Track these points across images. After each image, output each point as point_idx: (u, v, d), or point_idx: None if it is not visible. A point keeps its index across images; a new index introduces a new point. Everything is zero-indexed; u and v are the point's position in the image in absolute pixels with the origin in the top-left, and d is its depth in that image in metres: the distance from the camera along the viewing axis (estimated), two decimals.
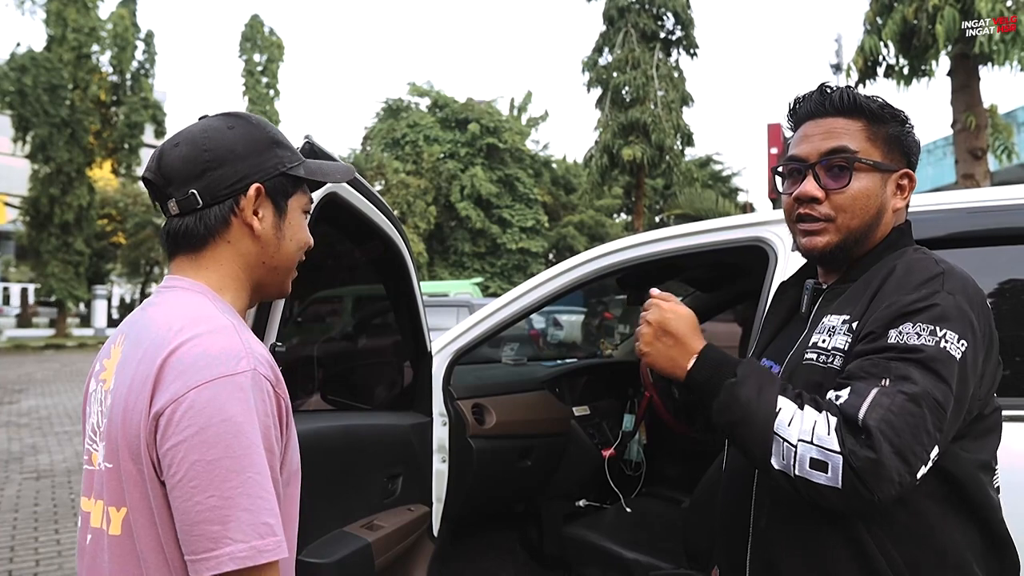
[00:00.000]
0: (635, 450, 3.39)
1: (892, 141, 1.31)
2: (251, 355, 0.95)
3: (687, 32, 18.23)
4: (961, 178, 8.73)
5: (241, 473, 0.88)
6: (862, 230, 1.30)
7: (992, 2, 7.46)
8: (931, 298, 1.15)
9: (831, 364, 1.22)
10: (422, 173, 32.38)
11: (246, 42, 33.88)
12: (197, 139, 1.06)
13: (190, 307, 1.01)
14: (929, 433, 1.07)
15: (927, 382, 1.08)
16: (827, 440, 1.08)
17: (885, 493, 1.05)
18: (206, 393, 0.89)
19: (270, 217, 1.09)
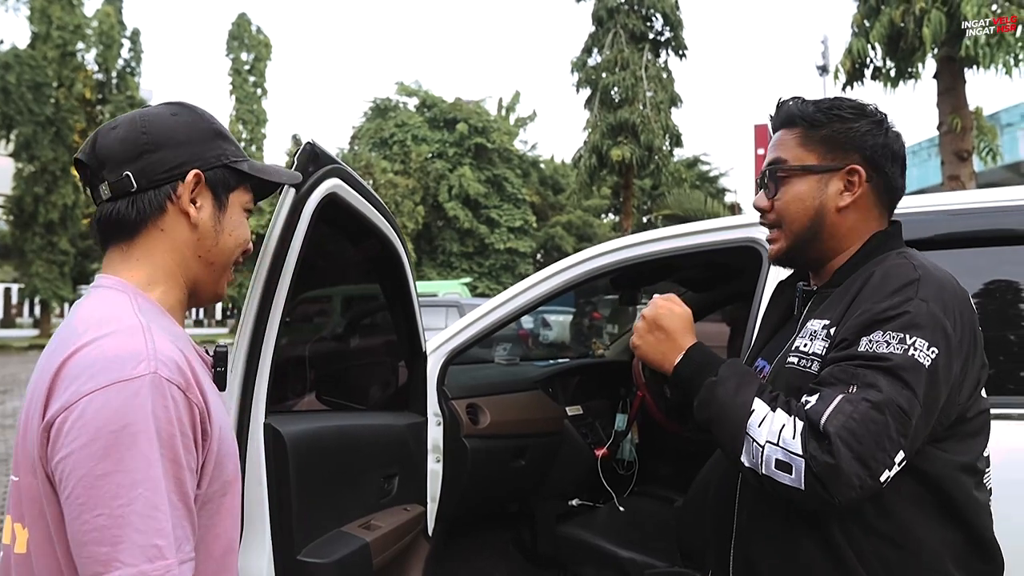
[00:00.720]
0: (627, 449, 3.40)
1: (830, 141, 1.33)
2: (153, 357, 0.87)
3: (676, 33, 18.29)
4: (947, 179, 8.83)
5: (133, 489, 0.81)
6: (806, 233, 1.35)
7: (978, 6, 7.55)
8: (903, 306, 1.16)
9: (809, 369, 1.25)
10: (410, 173, 32.34)
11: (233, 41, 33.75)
12: (136, 122, 1.02)
13: (104, 308, 0.95)
14: (892, 439, 1.10)
15: (892, 390, 1.11)
16: (792, 444, 1.12)
17: (844, 496, 1.09)
18: (97, 400, 0.82)
19: (208, 207, 1.04)
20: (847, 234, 1.34)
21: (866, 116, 1.33)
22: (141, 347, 0.87)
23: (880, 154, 1.32)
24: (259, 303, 1.63)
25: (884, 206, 1.36)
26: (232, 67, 33.77)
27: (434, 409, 2.52)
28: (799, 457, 1.11)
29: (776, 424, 1.15)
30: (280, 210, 1.63)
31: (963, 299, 1.24)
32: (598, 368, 3.85)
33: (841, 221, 1.33)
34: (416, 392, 2.48)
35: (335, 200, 1.77)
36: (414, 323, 2.41)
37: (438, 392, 2.55)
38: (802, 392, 1.22)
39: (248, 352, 1.62)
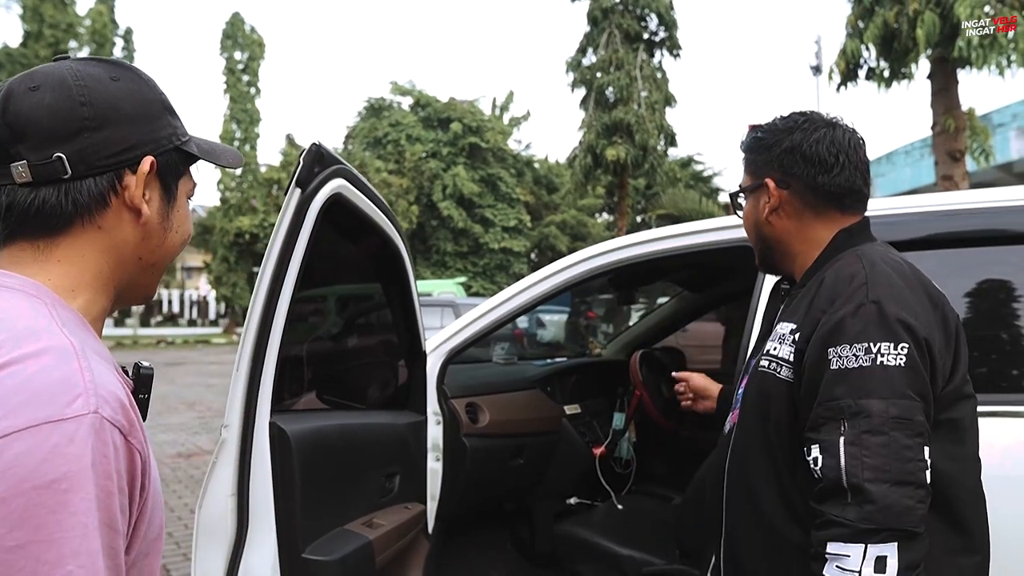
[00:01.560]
0: (625, 448, 3.42)
1: (753, 165, 1.46)
2: (92, 391, 0.66)
3: (670, 33, 18.33)
4: (941, 179, 8.89)
5: (58, 566, 0.60)
6: (758, 245, 1.50)
7: (971, 7, 7.60)
8: (857, 313, 1.19)
9: (779, 374, 1.30)
10: (404, 172, 32.32)
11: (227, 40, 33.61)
12: (70, 86, 0.78)
13: (16, 317, 0.71)
14: (908, 447, 1.12)
15: (879, 406, 1.14)
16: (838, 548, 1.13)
17: (914, 519, 1.11)
18: (17, 445, 0.61)
19: (157, 201, 0.84)
20: (792, 239, 1.42)
21: (778, 131, 1.42)
22: (76, 377, 0.66)
23: (788, 160, 1.39)
24: (264, 302, 1.64)
25: (821, 206, 1.39)
26: (226, 66, 33.63)
27: (434, 408, 2.53)
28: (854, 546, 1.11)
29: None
30: (285, 211, 1.64)
31: (920, 284, 1.27)
32: (595, 367, 3.87)
33: (776, 229, 1.43)
34: (416, 391, 2.49)
35: (340, 201, 1.78)
36: (415, 323, 2.42)
37: (438, 391, 2.56)
38: (770, 398, 1.30)
39: (253, 351, 1.63)
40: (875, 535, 1.10)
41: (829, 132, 1.38)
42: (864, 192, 1.42)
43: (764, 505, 1.32)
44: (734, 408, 1.51)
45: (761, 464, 1.33)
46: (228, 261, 30.14)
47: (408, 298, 2.37)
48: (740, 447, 1.40)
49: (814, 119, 1.41)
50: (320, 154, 1.65)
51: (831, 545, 1.13)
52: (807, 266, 1.41)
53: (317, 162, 1.65)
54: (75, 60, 0.83)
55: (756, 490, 1.34)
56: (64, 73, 0.79)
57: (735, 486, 1.41)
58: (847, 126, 1.41)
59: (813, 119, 1.41)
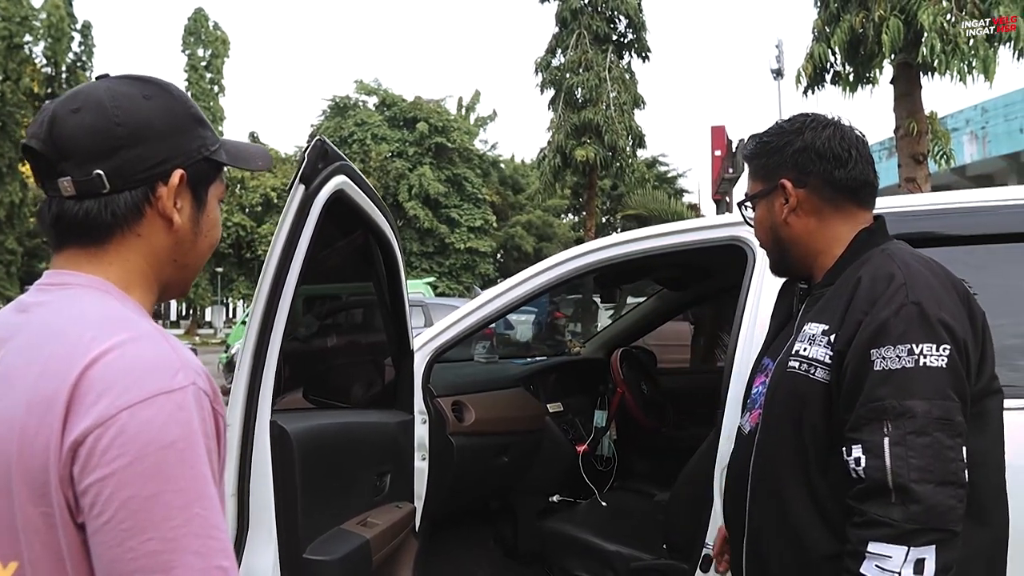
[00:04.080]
0: (607, 445, 3.45)
1: (763, 169, 1.48)
2: (187, 367, 0.79)
3: (639, 35, 18.49)
4: (904, 181, 9.11)
5: (187, 509, 0.74)
6: (774, 249, 1.50)
7: (934, 15, 7.82)
8: (900, 315, 1.22)
9: (813, 375, 1.31)
10: (370, 172, 32.13)
11: (189, 36, 33.11)
12: (106, 107, 0.86)
13: (99, 309, 0.83)
14: (950, 447, 1.16)
15: (923, 407, 1.16)
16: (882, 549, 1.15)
17: (955, 518, 1.14)
18: (141, 415, 0.73)
19: (188, 209, 0.92)
20: (811, 238, 1.43)
21: (786, 133, 1.45)
22: (172, 355, 0.79)
23: (802, 159, 1.41)
24: (267, 300, 1.62)
25: (840, 201, 1.41)
26: (188, 63, 33.12)
27: (420, 407, 2.52)
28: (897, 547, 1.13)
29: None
30: (289, 207, 1.62)
31: (953, 285, 1.29)
32: (576, 366, 3.90)
33: (795, 230, 1.44)
34: (404, 390, 2.48)
35: (341, 197, 1.77)
36: (404, 321, 2.41)
37: (424, 390, 2.55)
38: (805, 400, 1.31)
39: (255, 349, 1.61)
40: (920, 536, 1.12)
41: (838, 129, 1.41)
42: (875, 184, 1.45)
43: (791, 506, 1.33)
44: (751, 408, 1.51)
45: (791, 465, 1.34)
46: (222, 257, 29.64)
47: (399, 296, 2.37)
48: (767, 447, 1.41)
49: (820, 118, 1.44)
50: (324, 150, 1.64)
51: (873, 544, 1.15)
52: (828, 265, 1.42)
53: (321, 158, 1.64)
54: (113, 79, 0.91)
55: (784, 490, 1.35)
56: (102, 95, 0.87)
57: (760, 486, 1.42)
58: (849, 123, 1.45)
59: (819, 118, 1.44)
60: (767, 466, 1.40)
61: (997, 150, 20.06)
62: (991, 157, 20.38)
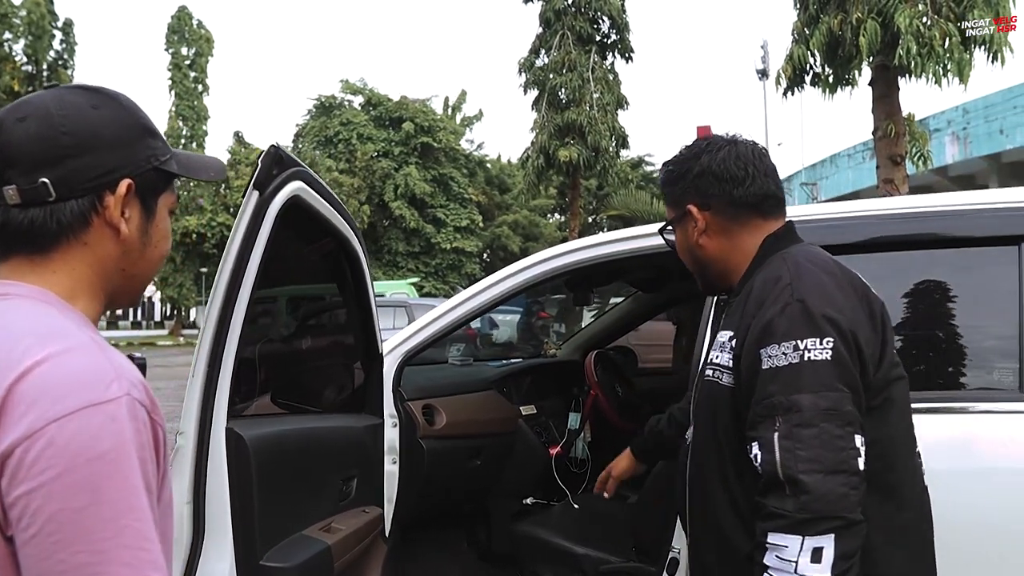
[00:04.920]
0: (581, 447, 3.45)
1: (672, 197, 1.55)
2: (122, 378, 0.78)
3: (622, 36, 18.55)
4: (882, 183, 9.21)
5: (117, 521, 0.73)
6: (695, 269, 1.56)
7: (910, 17, 7.90)
8: (783, 313, 1.26)
9: (721, 381, 1.38)
10: (355, 172, 32.05)
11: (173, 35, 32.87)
12: (53, 116, 0.86)
13: (36, 320, 0.82)
14: (839, 436, 1.19)
15: (809, 400, 1.20)
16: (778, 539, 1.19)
17: (851, 505, 1.17)
18: (71, 426, 0.72)
19: (137, 219, 0.92)
20: (725, 255, 1.49)
21: (686, 159, 1.51)
22: (106, 365, 0.78)
23: (702, 183, 1.47)
24: (221, 307, 1.61)
25: (744, 217, 1.46)
26: (172, 62, 32.86)
27: (390, 411, 2.51)
28: (792, 537, 1.17)
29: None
30: (243, 213, 1.62)
31: (845, 278, 1.34)
32: (551, 368, 3.90)
33: (708, 250, 1.50)
34: (373, 394, 2.47)
35: (298, 203, 1.76)
36: (372, 325, 2.41)
37: (394, 393, 2.54)
38: (718, 405, 1.38)
39: (210, 356, 1.60)
40: (812, 525, 1.15)
41: (732, 149, 1.47)
42: (778, 195, 1.49)
43: (716, 509, 1.38)
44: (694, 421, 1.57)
45: (713, 469, 1.40)
46: (174, 261, 29.42)
47: (365, 300, 2.36)
48: (697, 454, 1.47)
49: (715, 140, 1.50)
50: (279, 156, 1.63)
51: (771, 536, 1.19)
52: (740, 276, 1.48)
53: (276, 164, 1.63)
54: (62, 88, 0.91)
55: (709, 495, 1.41)
56: (49, 104, 0.88)
57: (695, 493, 1.47)
58: (747, 140, 1.51)
59: (714, 141, 1.50)
60: (698, 473, 1.46)
61: (978, 151, 20.30)
62: (972, 158, 20.63)
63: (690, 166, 1.49)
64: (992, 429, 1.92)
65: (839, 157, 26.55)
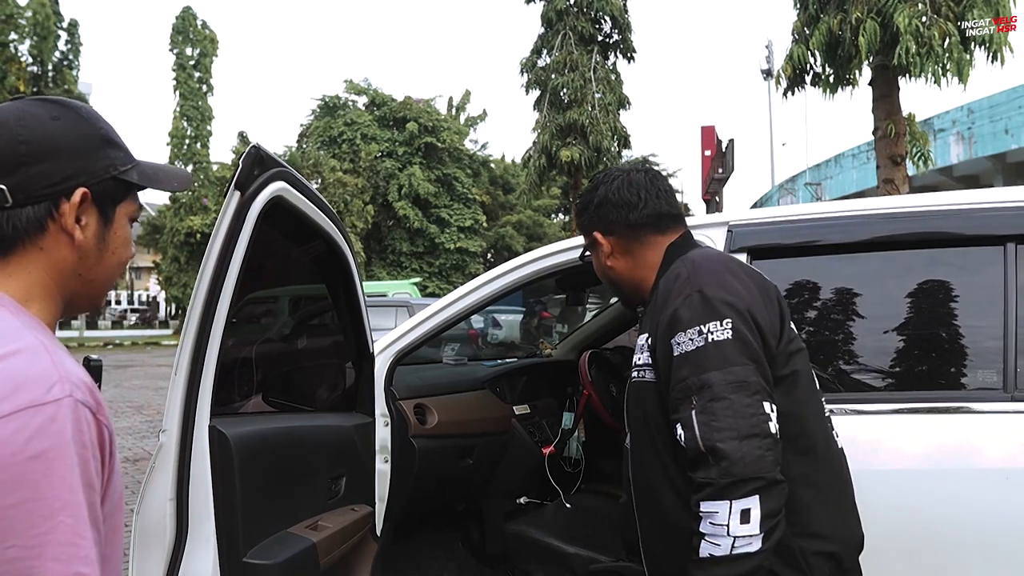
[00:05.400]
0: (574, 447, 3.46)
1: (582, 228, 1.72)
2: (66, 379, 0.81)
3: (624, 36, 18.52)
4: (882, 183, 9.18)
5: (51, 518, 0.76)
6: (614, 288, 1.72)
7: (909, 17, 7.88)
8: (685, 303, 1.40)
9: (645, 378, 1.50)
10: (359, 172, 32.06)
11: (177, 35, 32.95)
12: (11, 126, 0.90)
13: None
14: (748, 404, 1.30)
15: (718, 377, 1.32)
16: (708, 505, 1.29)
17: (768, 466, 1.28)
18: (10, 426, 0.76)
19: (94, 226, 0.95)
20: (632, 273, 1.64)
21: (588, 192, 1.69)
22: (50, 368, 0.81)
23: (602, 211, 1.64)
24: (203, 306, 1.62)
25: (643, 236, 1.61)
26: (176, 62, 32.96)
27: (382, 410, 2.52)
28: (720, 499, 1.27)
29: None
30: (225, 213, 1.63)
31: (739, 268, 1.49)
32: (545, 367, 3.90)
33: (617, 271, 1.66)
34: (364, 393, 2.49)
35: (281, 203, 1.77)
36: (361, 324, 2.42)
37: (386, 393, 2.55)
38: (643, 402, 1.50)
39: (192, 355, 1.62)
40: (737, 488, 1.26)
41: (626, 178, 1.64)
42: (673, 212, 1.64)
43: (659, 497, 1.48)
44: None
45: (651, 462, 1.50)
46: (179, 261, 29.51)
47: (354, 300, 2.37)
48: (635, 453, 1.57)
49: (611, 172, 1.69)
50: (260, 157, 1.65)
51: (703, 505, 1.29)
52: (650, 288, 1.60)
53: (257, 165, 1.65)
54: (26, 101, 0.95)
55: (652, 486, 1.51)
56: (9, 115, 0.92)
57: (639, 488, 1.57)
58: (641, 167, 1.68)
59: (610, 172, 1.69)
60: (640, 470, 1.56)
61: (983, 151, 20.21)
62: (977, 158, 20.54)
63: (591, 198, 1.66)
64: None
65: (843, 157, 26.46)
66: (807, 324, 2.28)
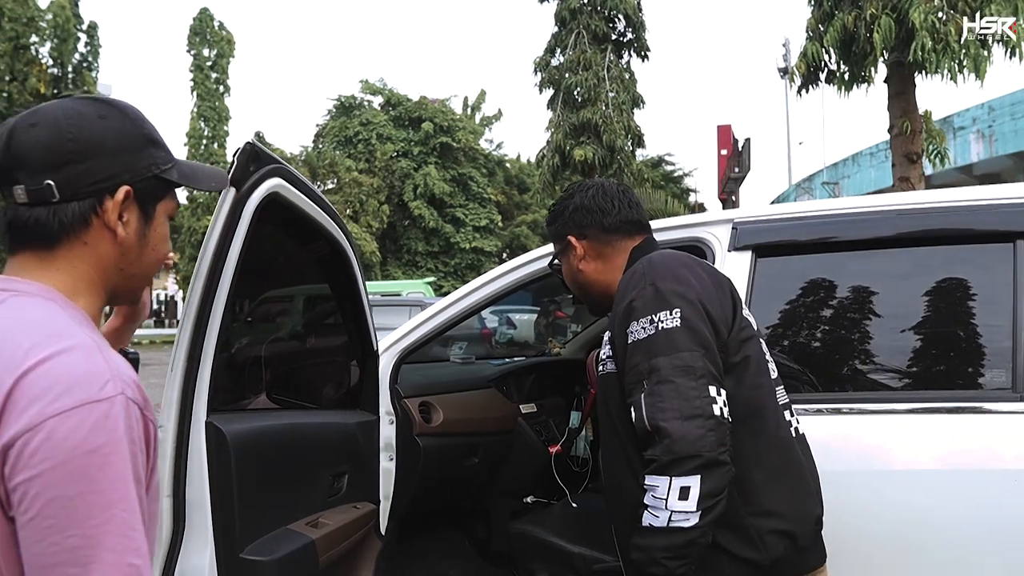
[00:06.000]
0: (582, 446, 3.44)
1: (555, 233, 1.81)
2: (117, 377, 0.85)
3: (638, 35, 18.42)
4: (898, 181, 9.07)
5: (107, 510, 0.80)
6: (580, 294, 1.81)
7: (925, 13, 7.77)
8: (640, 295, 1.48)
9: (607, 369, 1.59)
10: (375, 172, 32.17)
11: (195, 36, 33.17)
12: (61, 124, 0.94)
13: (41, 319, 0.89)
14: (692, 387, 1.37)
15: (666, 362, 1.39)
16: (652, 479, 1.37)
17: (710, 445, 1.33)
18: (68, 422, 0.80)
19: (135, 223, 0.99)
20: (602, 275, 1.73)
21: (564, 200, 1.79)
22: (103, 366, 0.85)
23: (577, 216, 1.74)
24: (199, 303, 1.63)
25: (615, 240, 1.72)
26: (193, 63, 33.18)
27: (386, 407, 2.53)
28: (661, 479, 1.35)
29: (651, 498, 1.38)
30: (220, 210, 1.63)
31: (694, 263, 1.56)
32: (553, 366, 3.89)
33: (588, 274, 1.75)
34: (368, 390, 2.49)
35: (278, 200, 1.77)
36: (364, 322, 2.42)
37: (391, 390, 2.55)
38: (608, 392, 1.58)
39: (188, 352, 1.62)
40: (677, 465, 1.32)
41: (599, 187, 1.76)
42: (639, 219, 1.75)
43: (623, 481, 1.54)
44: None
45: (614, 449, 1.58)
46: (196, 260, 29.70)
47: (356, 297, 2.37)
48: (603, 442, 1.66)
49: (585, 183, 1.80)
50: (255, 153, 1.64)
51: (647, 479, 1.37)
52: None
53: (252, 161, 1.65)
54: (74, 99, 0.99)
55: (616, 473, 1.58)
56: (59, 113, 0.96)
57: (608, 476, 1.64)
58: (611, 181, 1.82)
59: (584, 183, 1.80)
60: (607, 459, 1.64)
61: (1004, 148, 19.94)
62: (998, 156, 20.27)
63: (566, 204, 1.77)
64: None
65: (861, 156, 26.23)
66: (812, 321, 2.25)
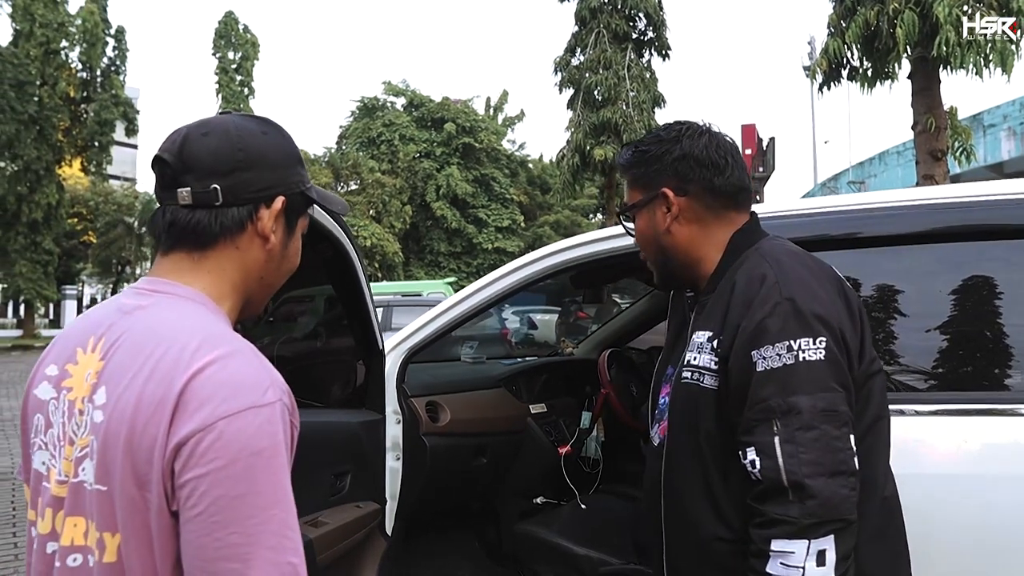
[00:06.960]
0: (593, 447, 3.41)
1: (642, 178, 1.46)
2: (277, 384, 0.90)
3: (659, 33, 18.35)
4: (922, 179, 8.92)
5: (267, 510, 0.84)
6: (658, 259, 1.47)
7: (949, 7, 7.62)
8: (774, 312, 1.23)
9: (703, 384, 1.32)
10: (398, 172, 32.35)
11: (220, 40, 33.60)
12: (231, 134, 1.01)
13: (199, 321, 0.94)
14: (837, 438, 1.18)
15: (807, 402, 1.18)
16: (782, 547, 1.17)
17: (848, 506, 1.16)
18: (236, 424, 0.85)
19: (280, 233, 1.05)
20: (693, 246, 1.43)
21: (664, 141, 1.43)
22: (264, 372, 0.90)
23: (682, 167, 1.41)
24: None
25: (719, 207, 1.42)
26: (219, 66, 33.60)
27: (393, 407, 2.51)
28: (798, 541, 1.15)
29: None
30: None
31: (823, 273, 1.32)
32: (564, 366, 3.86)
33: (677, 238, 1.43)
34: (373, 390, 2.48)
35: None
36: (368, 322, 2.41)
37: (397, 390, 2.54)
38: (699, 408, 1.32)
39: None
40: (818, 529, 1.14)
41: (713, 137, 1.43)
42: (751, 189, 1.46)
43: (696, 515, 1.33)
44: (660, 420, 1.49)
45: (693, 474, 1.35)
46: None
47: (360, 297, 2.36)
48: (672, 457, 1.40)
49: (694, 126, 1.45)
50: None
51: (776, 543, 1.16)
52: (709, 271, 1.42)
53: None
54: (238, 115, 1.07)
55: (688, 500, 1.35)
56: (229, 124, 1.03)
57: (671, 498, 1.40)
58: (721, 131, 1.46)
59: (693, 126, 1.45)
60: (675, 477, 1.39)
61: None
62: None
63: (668, 148, 1.42)
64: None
65: (888, 155, 25.88)
66: None
